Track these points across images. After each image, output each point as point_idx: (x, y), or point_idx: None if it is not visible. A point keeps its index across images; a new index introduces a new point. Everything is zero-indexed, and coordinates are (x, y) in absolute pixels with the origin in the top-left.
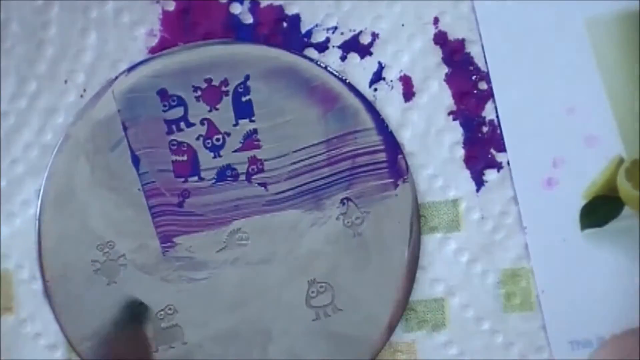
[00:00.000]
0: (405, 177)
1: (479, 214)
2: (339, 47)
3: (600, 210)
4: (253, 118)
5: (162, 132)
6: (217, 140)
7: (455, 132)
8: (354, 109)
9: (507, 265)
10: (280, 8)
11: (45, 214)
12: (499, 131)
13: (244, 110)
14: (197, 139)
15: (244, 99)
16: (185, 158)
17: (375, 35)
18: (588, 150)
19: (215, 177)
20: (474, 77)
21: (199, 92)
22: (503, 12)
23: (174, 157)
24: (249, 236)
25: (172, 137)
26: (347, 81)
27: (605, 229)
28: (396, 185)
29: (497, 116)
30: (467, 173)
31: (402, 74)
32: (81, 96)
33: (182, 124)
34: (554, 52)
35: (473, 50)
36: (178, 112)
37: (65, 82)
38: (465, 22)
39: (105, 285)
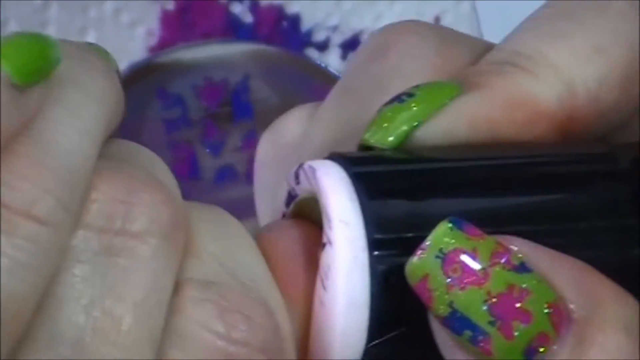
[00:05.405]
0: None
1: None
2: (340, 46)
3: None
4: (253, 117)
5: (161, 131)
6: (217, 140)
7: None
8: None
9: None
10: (280, 7)
11: None
12: None
13: (243, 109)
14: (197, 138)
15: (243, 98)
16: (184, 158)
17: None
18: None
19: (215, 177)
20: None
21: (199, 92)
22: (504, 11)
23: (173, 157)
24: None
25: (171, 136)
26: None
27: None
28: None
29: None
30: None
31: None
32: None
33: (181, 124)
34: None
35: None
36: (177, 111)
37: None
38: (466, 21)
39: None
